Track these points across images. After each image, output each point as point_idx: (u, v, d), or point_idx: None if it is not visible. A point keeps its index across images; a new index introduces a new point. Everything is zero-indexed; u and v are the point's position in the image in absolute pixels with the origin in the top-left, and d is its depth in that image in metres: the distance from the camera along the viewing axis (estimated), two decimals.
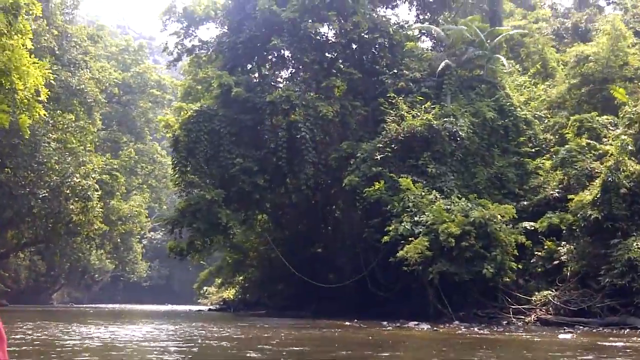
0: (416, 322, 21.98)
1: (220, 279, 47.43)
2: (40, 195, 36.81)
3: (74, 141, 39.29)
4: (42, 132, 36.67)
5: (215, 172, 29.78)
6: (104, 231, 47.31)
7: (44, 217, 37.44)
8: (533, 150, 28.84)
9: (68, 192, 37.69)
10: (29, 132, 29.07)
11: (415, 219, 24.43)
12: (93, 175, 38.46)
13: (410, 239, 23.48)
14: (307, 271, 31.46)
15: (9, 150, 36.37)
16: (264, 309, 42.33)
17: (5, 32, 23.73)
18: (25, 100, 25.91)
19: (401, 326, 21.59)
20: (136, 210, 48.59)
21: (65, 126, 39.07)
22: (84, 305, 67.21)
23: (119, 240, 57.83)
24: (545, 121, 30.42)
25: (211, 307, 49.49)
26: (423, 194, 25.18)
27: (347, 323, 23.71)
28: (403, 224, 24.27)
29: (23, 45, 24.98)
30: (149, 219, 62.79)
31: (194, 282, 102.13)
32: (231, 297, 50.17)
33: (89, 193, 37.95)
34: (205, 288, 61.89)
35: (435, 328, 20.02)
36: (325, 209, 33.43)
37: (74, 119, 39.31)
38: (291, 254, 32.41)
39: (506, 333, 18.68)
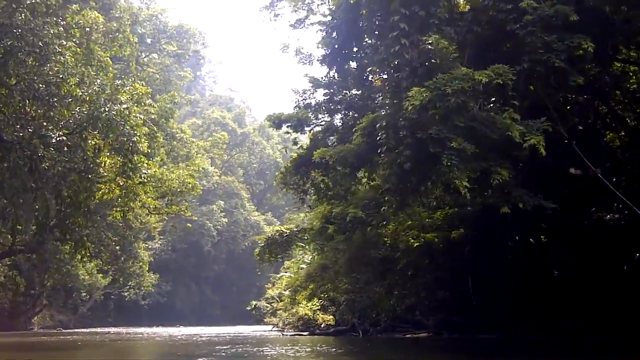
0: None
1: (312, 287, 31.06)
2: (54, 139, 20.33)
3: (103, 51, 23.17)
4: (51, 35, 20.30)
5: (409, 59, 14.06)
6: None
7: (60, 179, 20.88)
8: None
9: (99, 137, 21.28)
10: None
11: None
12: (145, 106, 22.10)
13: None
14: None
15: None
16: (420, 330, 26.27)
17: None
18: None
19: None
20: (189, 183, 31.76)
21: (89, 29, 22.78)
22: (79, 331, 49.95)
23: (117, 248, 41.75)
24: None
25: (285, 330, 32.96)
26: None
27: None
28: None
29: None
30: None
31: (197, 300, 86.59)
32: (310, 314, 34.10)
33: (133, 139, 21.52)
34: (254, 303, 45.49)
35: None
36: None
37: (101, 19, 23.16)
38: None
39: None
